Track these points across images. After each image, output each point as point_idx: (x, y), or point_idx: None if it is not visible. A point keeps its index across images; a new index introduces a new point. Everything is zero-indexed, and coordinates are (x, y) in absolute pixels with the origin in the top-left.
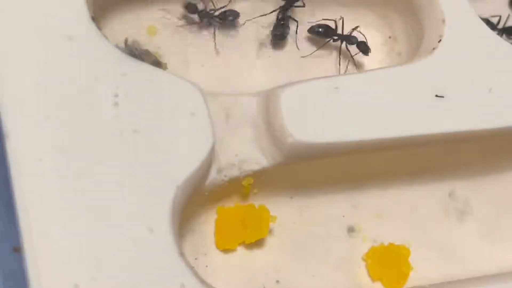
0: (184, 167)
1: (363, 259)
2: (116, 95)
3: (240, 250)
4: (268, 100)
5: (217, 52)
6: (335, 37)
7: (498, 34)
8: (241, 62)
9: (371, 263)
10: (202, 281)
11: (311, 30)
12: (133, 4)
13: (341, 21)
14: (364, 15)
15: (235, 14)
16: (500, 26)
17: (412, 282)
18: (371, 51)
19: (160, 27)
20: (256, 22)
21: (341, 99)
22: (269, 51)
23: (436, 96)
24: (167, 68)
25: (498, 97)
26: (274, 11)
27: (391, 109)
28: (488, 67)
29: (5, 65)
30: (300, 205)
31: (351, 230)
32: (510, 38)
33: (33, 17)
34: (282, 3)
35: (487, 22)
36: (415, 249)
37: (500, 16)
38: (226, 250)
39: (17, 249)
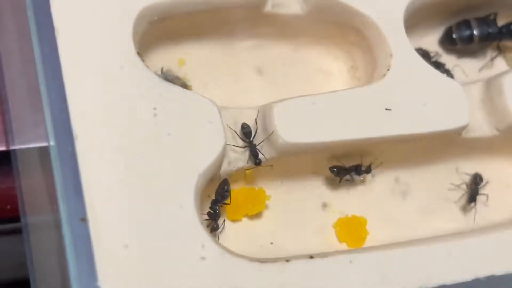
0: (204, 160)
1: (333, 227)
2: (155, 108)
3: (245, 220)
4: (265, 112)
5: (229, 78)
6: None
7: (430, 64)
8: (246, 85)
9: (339, 229)
10: (217, 243)
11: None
12: (167, 42)
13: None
14: (333, 50)
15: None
16: (433, 59)
17: (368, 243)
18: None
19: (187, 59)
20: (258, 58)
21: (317, 111)
22: (266, 78)
23: (386, 109)
24: (192, 89)
25: (430, 110)
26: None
27: (353, 118)
28: (422, 88)
29: (76, 85)
30: (288, 187)
31: (324, 205)
32: (438, 69)
33: (96, 51)
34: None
35: (426, 53)
36: (371, 220)
37: (437, 52)
38: (234, 220)
39: (84, 220)
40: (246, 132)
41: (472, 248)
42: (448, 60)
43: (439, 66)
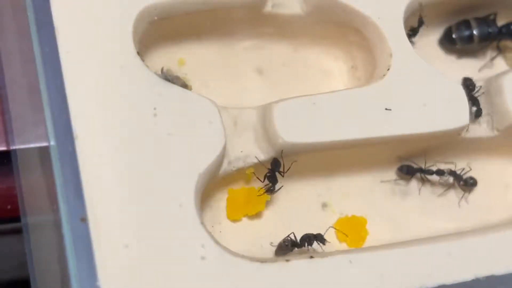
0: (204, 160)
1: (333, 227)
2: (155, 108)
3: (245, 220)
4: (265, 112)
5: (229, 78)
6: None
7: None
8: (246, 85)
9: (339, 229)
10: (217, 243)
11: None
12: (167, 42)
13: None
14: (333, 50)
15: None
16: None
17: (368, 243)
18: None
19: (187, 59)
20: (258, 58)
21: (317, 111)
22: (266, 78)
23: (386, 109)
24: (192, 89)
25: (430, 110)
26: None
27: (353, 118)
28: (422, 88)
29: (76, 85)
30: (288, 187)
31: (324, 205)
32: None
33: (96, 51)
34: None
35: (471, 82)
36: (371, 220)
37: (480, 86)
38: (234, 220)
39: (84, 220)
40: (277, 168)
41: (472, 248)
42: (448, 60)
43: (474, 102)
